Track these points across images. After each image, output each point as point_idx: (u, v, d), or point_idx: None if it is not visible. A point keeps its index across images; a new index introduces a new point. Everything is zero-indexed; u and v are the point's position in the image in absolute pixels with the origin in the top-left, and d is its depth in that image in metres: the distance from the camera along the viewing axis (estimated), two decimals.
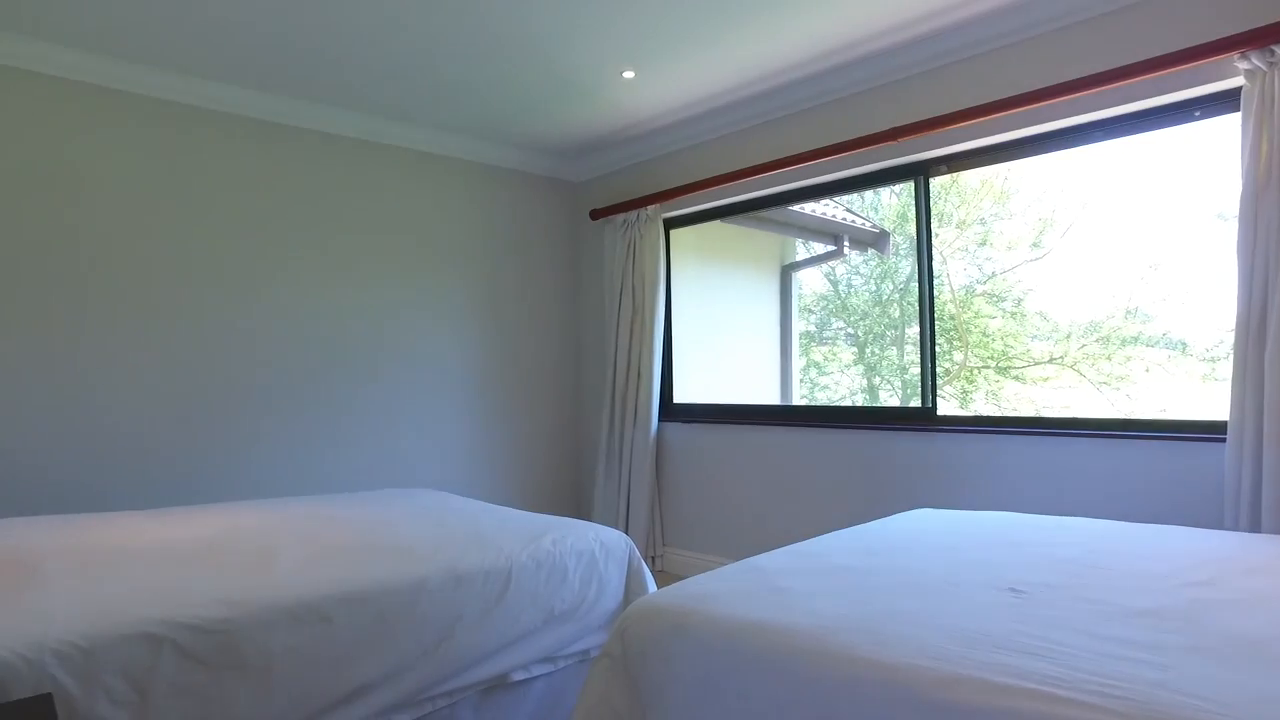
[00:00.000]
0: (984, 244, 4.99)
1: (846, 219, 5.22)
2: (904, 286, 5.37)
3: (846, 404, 5.45)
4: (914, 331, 4.44)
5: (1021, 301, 4.90)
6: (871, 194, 5.37)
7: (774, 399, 5.31)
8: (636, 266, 4.37)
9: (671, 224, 4.44)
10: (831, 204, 5.09)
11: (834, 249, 5.38)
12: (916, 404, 3.46)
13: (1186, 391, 3.97)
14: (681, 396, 4.50)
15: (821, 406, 4.93)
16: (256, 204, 3.65)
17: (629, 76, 3.49)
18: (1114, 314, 4.29)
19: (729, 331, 5.14)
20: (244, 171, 3.61)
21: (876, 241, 5.44)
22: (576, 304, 4.93)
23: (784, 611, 1.42)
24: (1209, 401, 3.94)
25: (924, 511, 2.48)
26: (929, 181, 3.39)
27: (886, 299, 5.56)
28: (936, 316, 3.41)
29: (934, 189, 3.42)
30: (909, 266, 5.27)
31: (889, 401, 5.36)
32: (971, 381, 5.08)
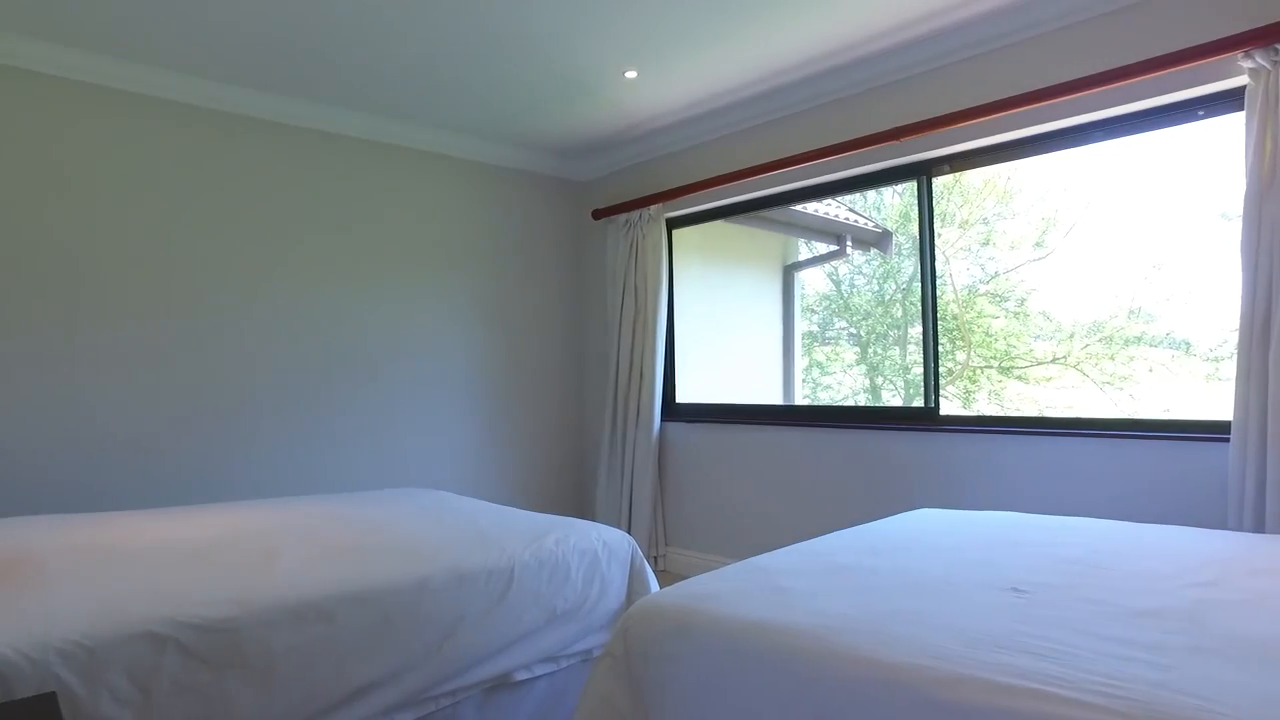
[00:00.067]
0: (987, 244, 4.99)
1: (849, 219, 5.21)
2: (906, 286, 5.37)
3: (849, 404, 5.45)
4: (916, 331, 4.44)
5: (1024, 301, 4.89)
6: (874, 194, 5.37)
7: (776, 399, 5.31)
8: (639, 266, 4.37)
9: (674, 224, 4.44)
10: (834, 204, 5.09)
11: (837, 249, 5.38)
12: (919, 404, 3.45)
13: (1190, 391, 3.96)
14: (684, 396, 4.50)
15: (824, 406, 4.93)
16: (259, 204, 3.65)
17: (631, 76, 3.49)
18: (1117, 314, 4.28)
19: (731, 331, 5.14)
20: (246, 171, 3.62)
21: (879, 241, 5.43)
22: (579, 304, 4.93)
23: (786, 611, 1.42)
24: (1213, 401, 3.93)
25: (926, 511, 2.48)
26: (932, 181, 3.38)
27: (889, 299, 5.56)
28: (939, 316, 3.40)
29: (937, 189, 3.42)
30: (911, 266, 5.27)
31: (891, 401, 5.36)
32: (974, 381, 5.07)
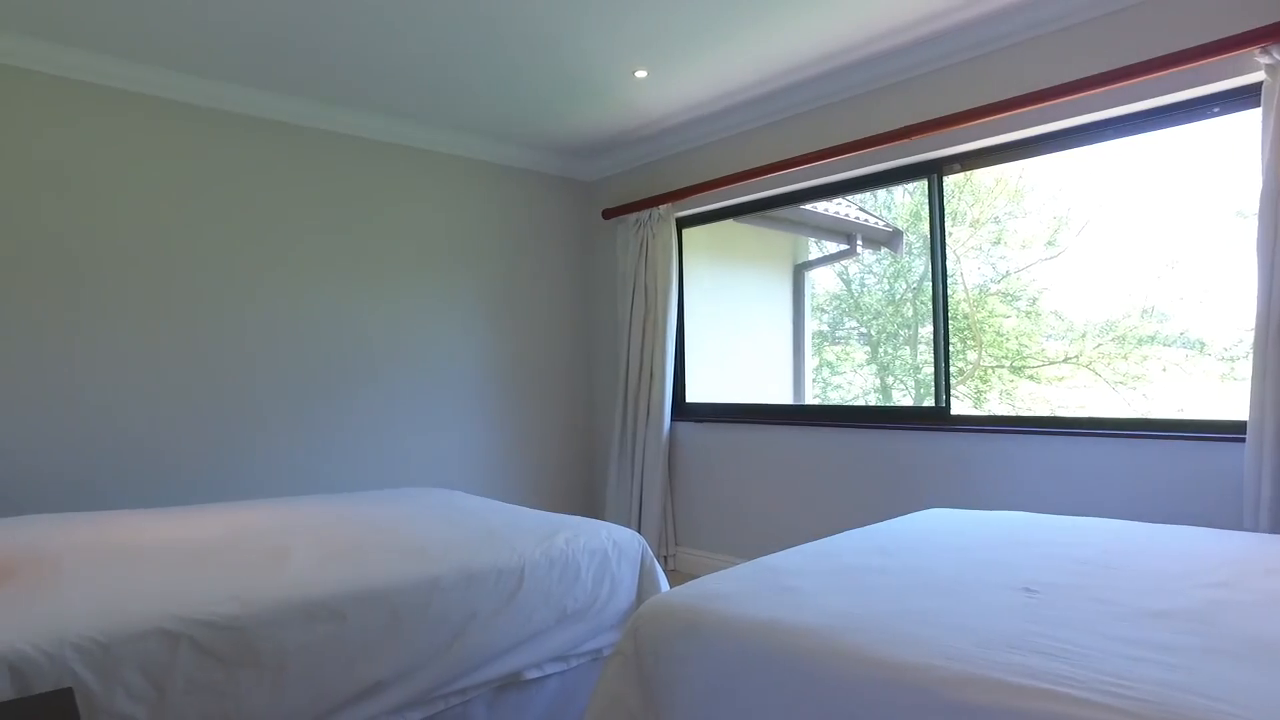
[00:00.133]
0: (998, 243, 4.96)
1: (859, 218, 5.20)
2: (917, 286, 5.35)
3: (859, 404, 5.43)
4: (927, 331, 4.41)
5: (1036, 300, 4.86)
6: (884, 193, 5.35)
7: (786, 398, 5.29)
8: (649, 266, 4.37)
9: (684, 223, 4.44)
10: (844, 203, 5.07)
11: (847, 248, 5.36)
12: (930, 404, 3.44)
13: (1204, 391, 3.93)
14: (694, 396, 4.49)
15: (834, 406, 4.92)
16: (267, 204, 3.67)
17: (641, 76, 3.49)
18: (1130, 313, 4.25)
19: (741, 331, 5.13)
20: (254, 172, 3.64)
21: (890, 240, 5.41)
22: (589, 303, 4.93)
23: (796, 611, 1.42)
24: (1227, 401, 3.89)
25: (937, 511, 2.47)
26: (943, 180, 3.37)
27: (899, 298, 5.53)
28: (950, 316, 3.39)
29: (948, 187, 3.40)
30: (922, 265, 5.24)
31: (902, 401, 5.33)
32: (985, 381, 5.04)
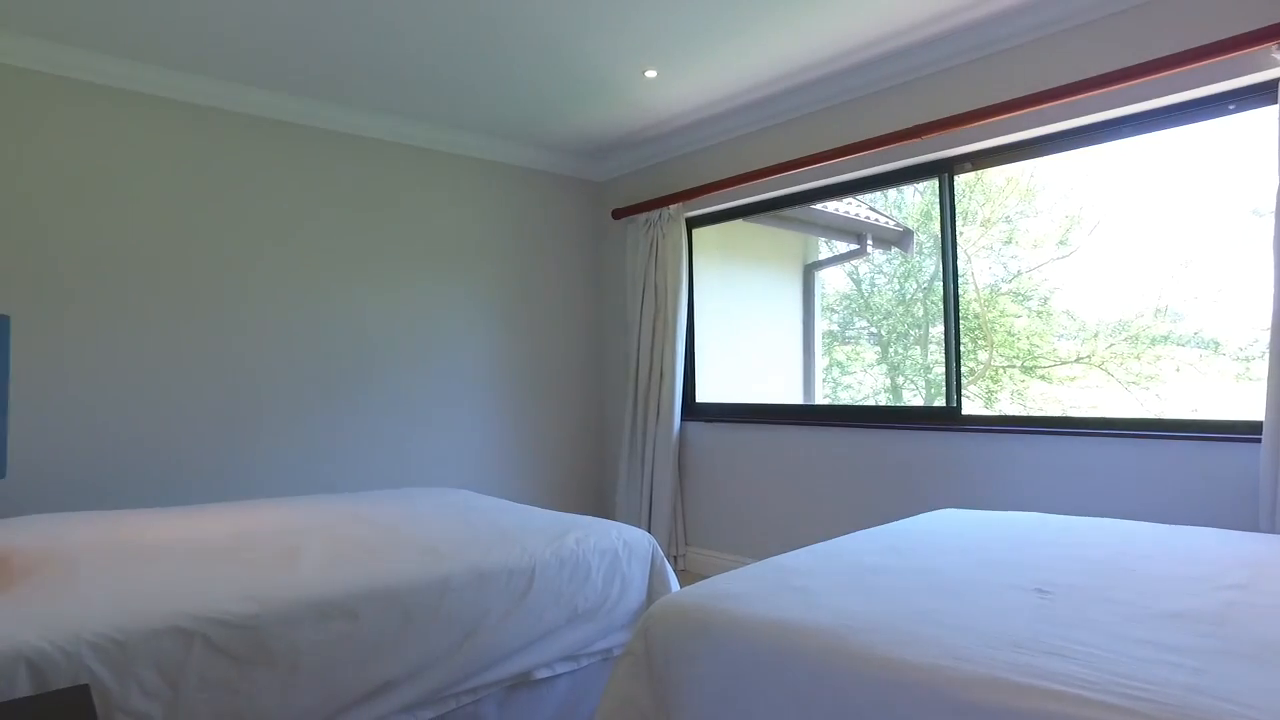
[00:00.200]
0: (1009, 242, 4.93)
1: (870, 217, 5.18)
2: (928, 285, 5.33)
3: (870, 404, 5.41)
4: (938, 331, 4.39)
5: (1048, 300, 4.83)
6: (895, 192, 5.33)
7: (797, 398, 5.28)
8: (659, 266, 4.37)
9: (694, 223, 4.44)
10: (854, 202, 5.06)
11: (857, 248, 5.34)
12: (941, 404, 3.42)
13: (1219, 391, 3.90)
14: (704, 396, 4.49)
15: (845, 406, 4.90)
16: (279, 205, 3.69)
17: (651, 76, 3.49)
18: (1143, 312, 4.22)
19: (752, 331, 5.13)
20: (268, 174, 3.66)
21: (900, 240, 5.39)
22: (599, 303, 4.94)
23: (808, 611, 1.41)
24: (1243, 401, 3.86)
25: (949, 511, 2.46)
26: (953, 179, 3.35)
27: (910, 298, 5.51)
28: (961, 315, 3.37)
29: (958, 187, 3.38)
30: (933, 265, 5.22)
31: (912, 401, 5.31)
32: (996, 381, 5.02)
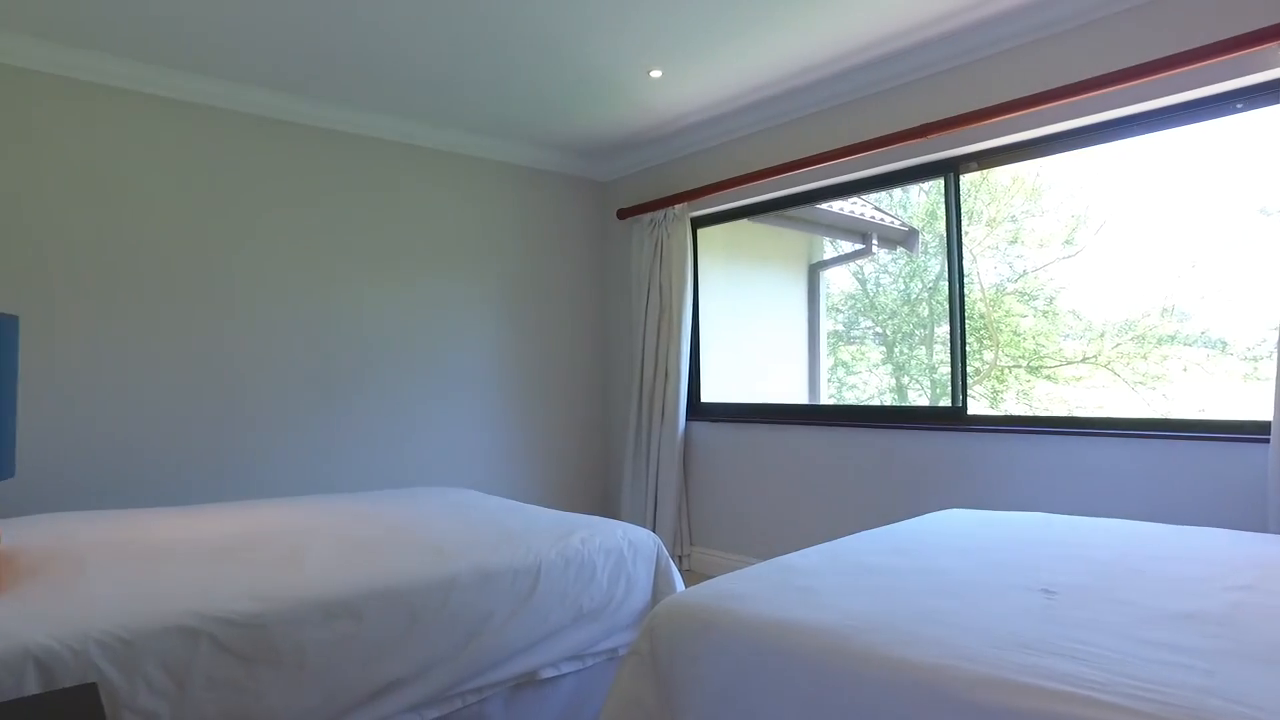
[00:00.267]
0: (1015, 242, 4.91)
1: (875, 217, 5.17)
2: (933, 285, 5.31)
3: (875, 403, 5.40)
4: (943, 331, 4.38)
5: (1053, 300, 4.81)
6: (900, 192, 5.32)
7: (802, 398, 5.27)
8: (664, 265, 4.37)
9: (699, 223, 4.44)
10: (860, 202, 5.05)
11: (862, 247, 5.33)
12: (946, 403, 3.42)
13: (1227, 391, 3.88)
14: (709, 396, 4.49)
15: (850, 406, 4.89)
16: (286, 206, 3.70)
17: (656, 75, 3.49)
18: (1150, 312, 4.20)
19: (756, 330, 5.12)
20: (274, 174, 3.67)
21: (905, 240, 5.38)
22: (604, 303, 4.94)
23: (813, 611, 1.41)
24: (1251, 401, 3.84)
25: (954, 512, 2.45)
26: (959, 179, 3.35)
27: (915, 298, 5.50)
28: (967, 315, 3.37)
29: (964, 186, 3.38)
30: (938, 265, 5.21)
31: (918, 401, 5.30)
32: (1002, 381, 5.00)
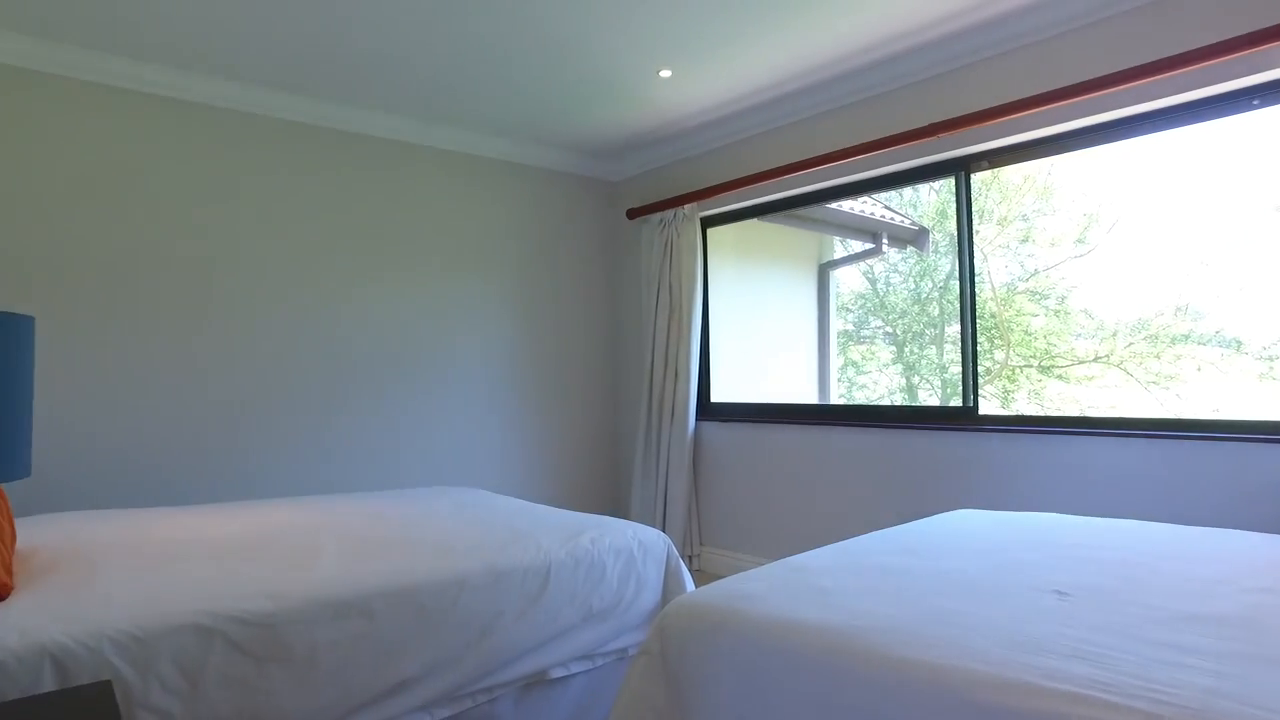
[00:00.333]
0: (1026, 241, 4.89)
1: (885, 216, 5.15)
2: (943, 284, 5.29)
3: (885, 403, 5.38)
4: (953, 330, 4.36)
5: (1065, 299, 4.78)
6: (910, 191, 5.30)
7: (812, 398, 5.26)
8: (674, 265, 4.37)
9: (709, 222, 4.43)
10: (870, 201, 5.03)
11: (872, 247, 5.31)
12: (957, 403, 3.40)
13: (1241, 391, 3.84)
14: (719, 395, 4.48)
15: (860, 406, 4.87)
16: (298, 208, 3.72)
17: (666, 75, 3.48)
18: (1163, 311, 4.17)
19: (767, 330, 5.11)
20: (285, 176, 3.69)
21: (915, 239, 5.36)
22: (614, 303, 4.94)
23: (825, 611, 1.41)
24: (1266, 401, 3.81)
25: (965, 512, 2.44)
26: (970, 177, 3.33)
27: (925, 297, 5.47)
28: (977, 314, 3.35)
29: (975, 185, 3.36)
30: (948, 264, 5.18)
31: (928, 401, 5.28)
32: (1013, 381, 4.97)
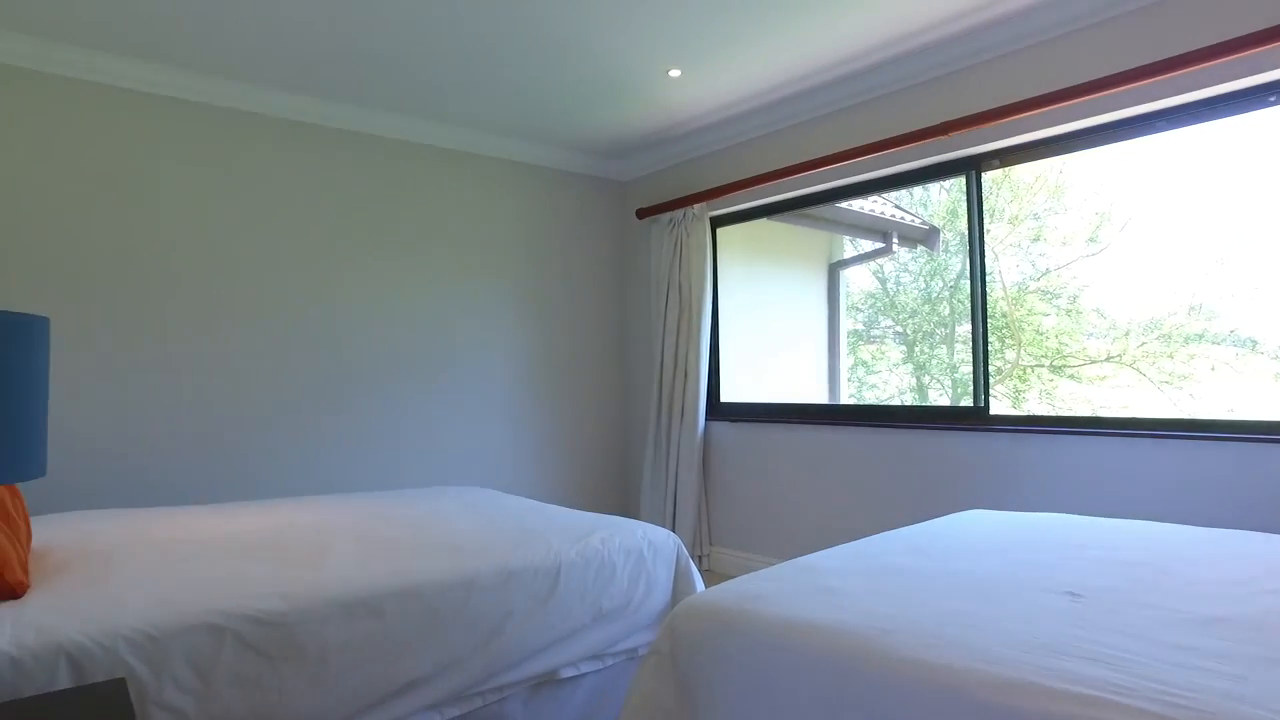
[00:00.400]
0: (1037, 239, 4.85)
1: (895, 216, 5.13)
2: (954, 284, 5.26)
3: (895, 403, 5.36)
4: (964, 330, 4.35)
5: (1077, 298, 4.75)
6: (921, 190, 5.27)
7: (822, 398, 5.25)
8: (683, 265, 4.37)
9: (718, 222, 4.43)
10: (880, 201, 5.02)
11: (882, 246, 5.30)
12: (968, 403, 3.38)
13: (1257, 391, 3.81)
14: (729, 395, 4.48)
15: (870, 406, 4.86)
16: (308, 208, 3.74)
17: (675, 75, 3.48)
18: (1176, 310, 4.13)
19: (776, 330, 5.10)
20: (294, 176, 3.71)
21: (926, 238, 5.33)
22: (623, 303, 4.94)
23: (835, 612, 1.40)
24: None
25: (976, 512, 2.43)
26: (981, 176, 3.31)
27: (936, 297, 5.45)
28: (988, 314, 3.33)
29: (985, 184, 3.34)
30: (959, 263, 5.16)
31: (939, 401, 5.25)
32: (1024, 380, 4.94)
